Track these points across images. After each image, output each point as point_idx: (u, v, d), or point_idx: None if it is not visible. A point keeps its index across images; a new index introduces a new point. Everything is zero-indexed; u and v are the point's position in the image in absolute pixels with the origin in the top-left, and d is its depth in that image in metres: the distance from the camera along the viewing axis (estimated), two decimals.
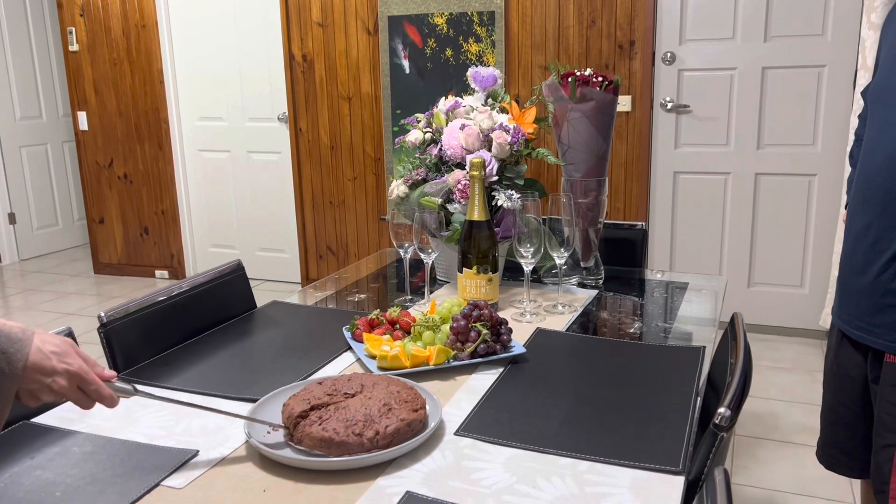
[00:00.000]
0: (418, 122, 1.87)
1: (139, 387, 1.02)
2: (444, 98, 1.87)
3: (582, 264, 1.88)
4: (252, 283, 4.78)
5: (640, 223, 2.14)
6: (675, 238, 3.76)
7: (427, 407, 1.14)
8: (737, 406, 1.00)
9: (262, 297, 4.39)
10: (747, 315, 3.69)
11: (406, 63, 4.03)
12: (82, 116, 4.93)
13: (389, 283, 1.94)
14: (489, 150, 1.71)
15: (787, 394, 3.00)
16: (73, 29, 4.80)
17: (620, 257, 2.09)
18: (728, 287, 3.70)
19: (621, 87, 3.64)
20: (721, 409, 0.97)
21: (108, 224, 5.07)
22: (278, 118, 4.52)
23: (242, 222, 4.81)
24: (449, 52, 3.92)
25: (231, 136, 4.69)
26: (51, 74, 5.65)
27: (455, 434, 1.09)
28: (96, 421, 1.15)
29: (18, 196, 5.49)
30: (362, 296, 1.82)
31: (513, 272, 1.95)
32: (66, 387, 0.91)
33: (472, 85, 1.86)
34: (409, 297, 1.76)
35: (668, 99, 3.61)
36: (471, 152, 1.71)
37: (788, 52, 3.39)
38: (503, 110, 1.84)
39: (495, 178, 1.69)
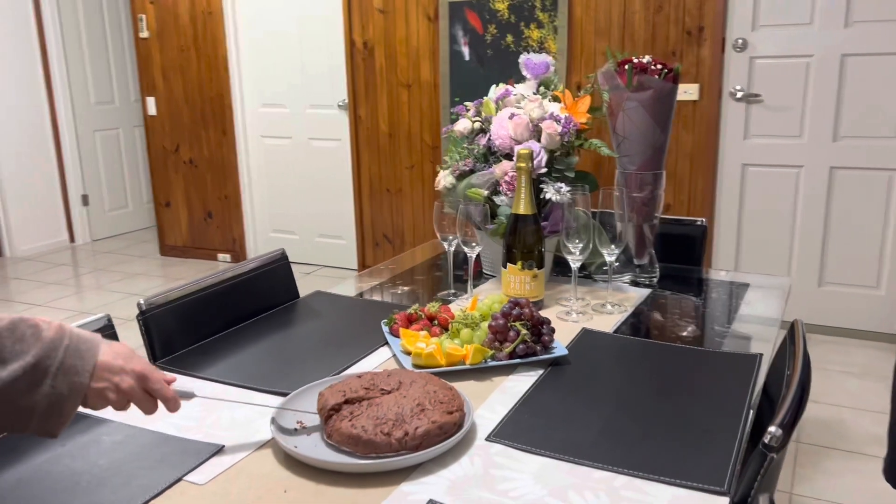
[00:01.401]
0: (467, 110, 1.81)
1: (196, 391, 1.03)
2: (495, 85, 1.81)
3: (636, 261, 1.80)
4: (309, 269, 4.85)
5: (699, 219, 2.04)
6: (741, 234, 3.60)
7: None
8: (790, 424, 0.92)
9: (318, 283, 4.43)
10: (817, 316, 3.51)
11: (466, 50, 3.97)
12: (151, 102, 5.05)
13: (435, 275, 1.90)
14: (538, 140, 1.65)
15: (858, 401, 2.84)
16: (144, 16, 4.91)
17: (678, 255, 2.00)
18: (797, 286, 3.52)
19: (689, 76, 3.50)
20: (772, 428, 0.89)
21: (174, 207, 5.20)
22: (338, 105, 4.53)
23: (302, 208, 4.85)
24: (510, 38, 3.84)
25: (292, 123, 4.73)
26: (123, 61, 5.82)
27: (486, 439, 1.05)
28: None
29: (92, 178, 5.68)
30: (406, 288, 1.78)
31: (563, 267, 1.88)
32: (133, 385, 0.93)
33: (524, 72, 1.79)
34: (453, 290, 1.71)
35: (738, 87, 3.44)
36: (519, 143, 1.64)
37: (871, 38, 3.18)
38: (556, 99, 1.77)
39: (544, 169, 1.63)
